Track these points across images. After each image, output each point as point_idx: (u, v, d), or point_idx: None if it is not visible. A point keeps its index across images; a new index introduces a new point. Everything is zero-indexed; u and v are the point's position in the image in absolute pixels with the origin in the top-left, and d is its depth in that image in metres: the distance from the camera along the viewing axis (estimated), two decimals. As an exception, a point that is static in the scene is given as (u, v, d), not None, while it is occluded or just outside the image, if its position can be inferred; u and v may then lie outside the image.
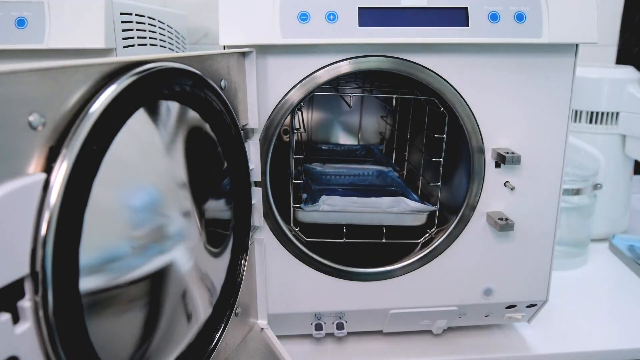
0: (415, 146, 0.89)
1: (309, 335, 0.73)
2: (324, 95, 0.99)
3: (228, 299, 0.58)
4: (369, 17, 0.60)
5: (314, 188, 0.85)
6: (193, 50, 0.86)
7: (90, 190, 0.35)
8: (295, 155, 0.75)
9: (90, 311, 0.36)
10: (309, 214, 0.74)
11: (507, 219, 0.66)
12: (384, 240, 0.73)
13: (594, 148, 1.02)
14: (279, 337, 0.65)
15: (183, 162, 0.48)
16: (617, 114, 1.01)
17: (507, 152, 0.64)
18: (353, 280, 0.69)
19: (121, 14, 0.69)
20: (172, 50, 0.92)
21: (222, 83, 0.54)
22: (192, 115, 0.49)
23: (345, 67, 0.62)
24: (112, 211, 0.38)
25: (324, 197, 0.76)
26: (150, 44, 0.81)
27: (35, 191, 0.31)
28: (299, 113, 0.95)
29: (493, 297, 0.71)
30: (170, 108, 0.45)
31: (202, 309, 0.53)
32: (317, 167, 0.93)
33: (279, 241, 0.67)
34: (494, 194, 0.67)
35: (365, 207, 0.75)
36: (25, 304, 0.32)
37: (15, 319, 0.31)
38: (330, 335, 0.74)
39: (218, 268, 0.56)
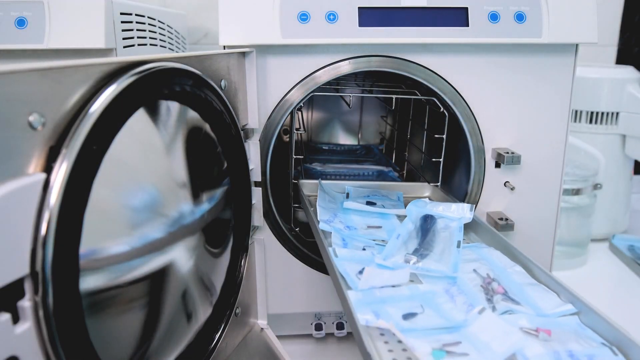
0: (415, 146, 0.89)
1: (309, 335, 0.73)
2: (324, 95, 0.99)
3: (228, 299, 0.58)
4: (369, 17, 0.60)
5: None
6: (193, 50, 0.86)
7: (90, 190, 0.35)
8: (295, 155, 0.75)
9: (90, 311, 0.36)
10: (309, 214, 0.74)
11: (507, 219, 0.66)
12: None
13: (594, 148, 1.02)
14: (279, 337, 0.65)
15: (183, 162, 0.48)
16: (617, 114, 1.00)
17: (507, 152, 0.64)
18: (353, 280, 0.69)
19: (121, 14, 0.69)
20: (172, 50, 0.92)
21: (222, 83, 0.54)
22: (192, 115, 0.49)
23: (345, 67, 0.62)
24: (112, 211, 0.38)
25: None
26: (150, 44, 0.81)
27: (35, 191, 0.31)
28: (299, 113, 0.95)
29: (493, 297, 0.71)
30: (170, 108, 0.45)
31: (202, 309, 0.53)
32: (317, 167, 0.93)
33: (279, 241, 0.67)
34: (494, 194, 0.67)
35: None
36: (25, 304, 0.32)
37: (15, 319, 0.31)
38: (330, 335, 0.74)
39: (218, 268, 0.56)
